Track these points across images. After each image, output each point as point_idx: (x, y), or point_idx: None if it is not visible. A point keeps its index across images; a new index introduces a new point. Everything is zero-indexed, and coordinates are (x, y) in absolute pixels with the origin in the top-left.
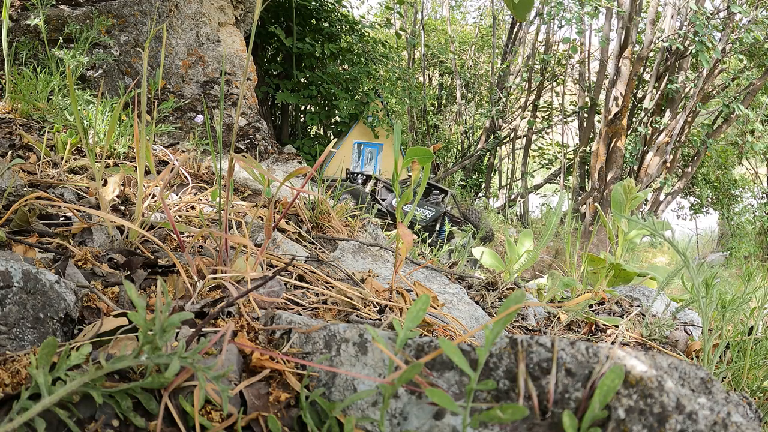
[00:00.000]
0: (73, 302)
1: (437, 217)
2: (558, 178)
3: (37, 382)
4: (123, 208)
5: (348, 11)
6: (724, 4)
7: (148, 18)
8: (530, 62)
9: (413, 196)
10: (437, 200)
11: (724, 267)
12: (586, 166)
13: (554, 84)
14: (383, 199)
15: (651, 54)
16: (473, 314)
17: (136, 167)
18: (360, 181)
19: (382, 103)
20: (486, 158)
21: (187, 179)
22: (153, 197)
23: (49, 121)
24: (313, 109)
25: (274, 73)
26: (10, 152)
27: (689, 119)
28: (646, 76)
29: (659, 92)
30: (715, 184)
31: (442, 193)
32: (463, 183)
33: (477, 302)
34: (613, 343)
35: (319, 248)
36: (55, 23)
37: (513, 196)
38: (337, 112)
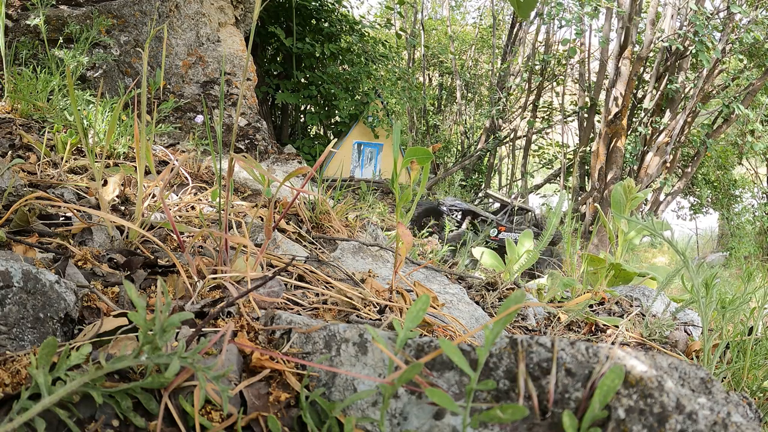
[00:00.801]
0: (73, 302)
1: None
2: (558, 178)
3: (37, 382)
4: (123, 208)
5: (348, 11)
6: (724, 4)
7: (148, 18)
8: (530, 62)
9: (413, 198)
10: (521, 221)
11: (724, 267)
12: (586, 166)
13: (554, 84)
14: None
15: (651, 54)
16: (473, 314)
17: (136, 167)
18: (458, 219)
19: (382, 103)
20: (486, 158)
21: (187, 179)
22: (153, 197)
23: (49, 121)
24: (313, 109)
25: (274, 73)
26: (10, 152)
27: (689, 119)
28: (646, 76)
29: (659, 92)
30: (715, 184)
31: (527, 212)
32: (463, 183)
33: (477, 302)
34: (613, 343)
35: (319, 248)
36: (55, 23)
37: (513, 196)
38: (337, 112)
